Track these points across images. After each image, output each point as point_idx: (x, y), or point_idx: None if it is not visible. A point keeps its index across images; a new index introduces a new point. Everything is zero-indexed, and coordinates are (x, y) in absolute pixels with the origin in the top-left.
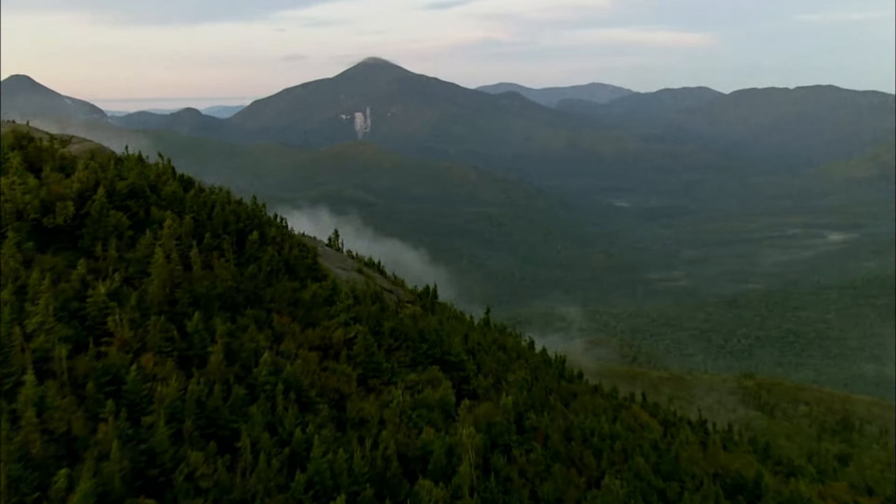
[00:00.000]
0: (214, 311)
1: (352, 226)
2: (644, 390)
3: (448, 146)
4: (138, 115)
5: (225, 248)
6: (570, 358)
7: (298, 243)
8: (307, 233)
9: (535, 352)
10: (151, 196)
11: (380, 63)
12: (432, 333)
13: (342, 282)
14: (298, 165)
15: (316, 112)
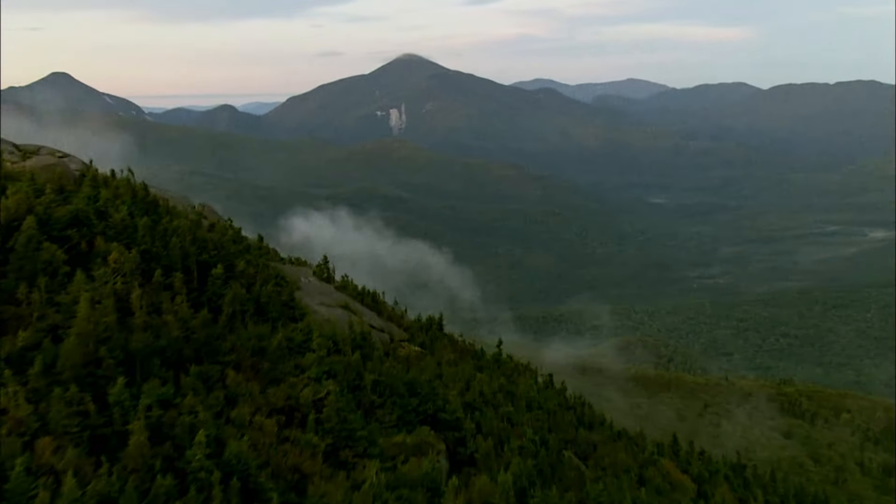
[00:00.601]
0: (154, 370)
1: (372, 226)
2: (679, 397)
3: (483, 143)
4: (175, 111)
5: (177, 288)
6: (603, 361)
7: (276, 275)
8: (326, 236)
9: (553, 389)
10: (98, 224)
11: (415, 59)
12: (424, 385)
13: (323, 322)
14: (333, 162)
15: (351, 108)
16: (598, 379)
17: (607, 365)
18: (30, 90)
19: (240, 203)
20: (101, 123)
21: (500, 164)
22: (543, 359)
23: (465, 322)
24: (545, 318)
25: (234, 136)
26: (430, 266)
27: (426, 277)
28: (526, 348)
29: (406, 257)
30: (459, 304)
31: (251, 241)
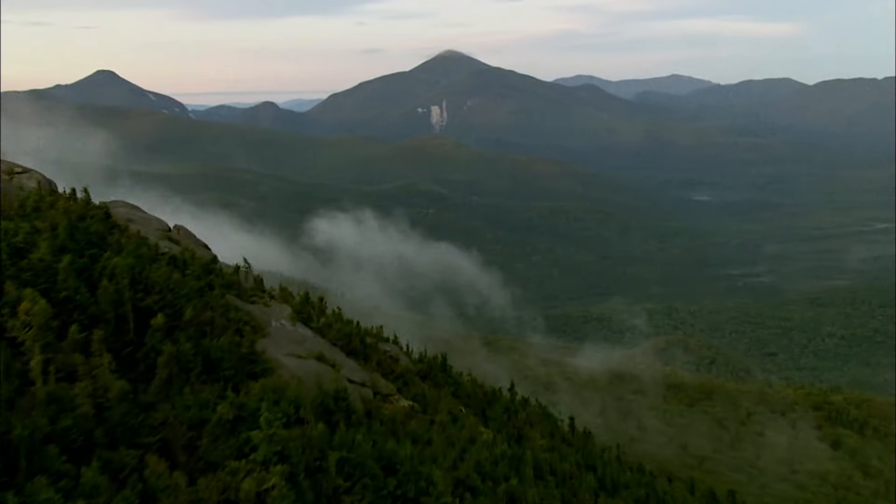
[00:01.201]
0: (49, 461)
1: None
2: (720, 405)
3: (524, 139)
4: (218, 108)
5: (96, 347)
6: (642, 368)
7: (239, 320)
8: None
9: (576, 438)
10: (9, 267)
11: (457, 56)
12: (405, 461)
13: (289, 378)
14: (374, 159)
15: (393, 105)
16: (636, 386)
17: (645, 372)
18: (76, 88)
19: (279, 201)
20: (145, 121)
21: (541, 160)
22: (577, 366)
23: (499, 323)
24: (585, 317)
25: (275, 133)
26: (466, 266)
27: (462, 278)
28: (560, 353)
29: (440, 257)
30: (495, 304)
31: (226, 271)
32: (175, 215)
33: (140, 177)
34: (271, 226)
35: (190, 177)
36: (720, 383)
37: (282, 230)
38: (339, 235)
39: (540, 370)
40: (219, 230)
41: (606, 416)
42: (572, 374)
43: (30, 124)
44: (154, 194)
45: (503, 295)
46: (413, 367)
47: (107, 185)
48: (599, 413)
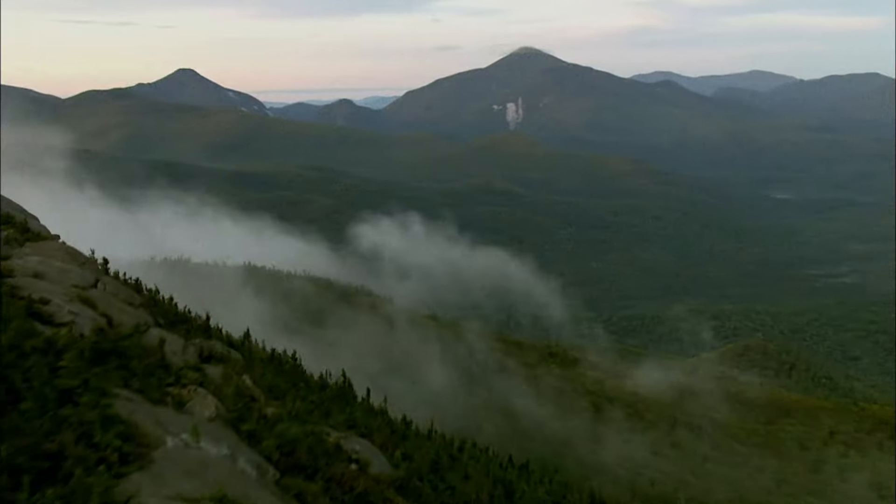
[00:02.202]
0: None
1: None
2: (800, 423)
3: (601, 136)
4: (296, 106)
5: None
6: (717, 377)
7: (109, 445)
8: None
9: None
10: None
11: (533, 53)
12: None
13: None
14: (449, 156)
15: (468, 102)
16: (709, 401)
17: (719, 386)
18: (158, 86)
19: (351, 200)
20: (223, 118)
21: (617, 158)
22: (642, 379)
23: (569, 325)
24: (661, 318)
25: (350, 131)
26: (537, 266)
27: (533, 277)
28: (626, 362)
29: (511, 257)
30: (566, 304)
31: (147, 345)
32: (235, 215)
33: (214, 174)
34: (335, 226)
35: (263, 175)
36: (800, 399)
37: (348, 230)
38: (408, 235)
39: (596, 387)
40: (278, 231)
41: (676, 435)
42: (634, 392)
43: (111, 123)
44: (224, 193)
45: (575, 294)
46: (390, 473)
47: (182, 183)
48: (668, 432)
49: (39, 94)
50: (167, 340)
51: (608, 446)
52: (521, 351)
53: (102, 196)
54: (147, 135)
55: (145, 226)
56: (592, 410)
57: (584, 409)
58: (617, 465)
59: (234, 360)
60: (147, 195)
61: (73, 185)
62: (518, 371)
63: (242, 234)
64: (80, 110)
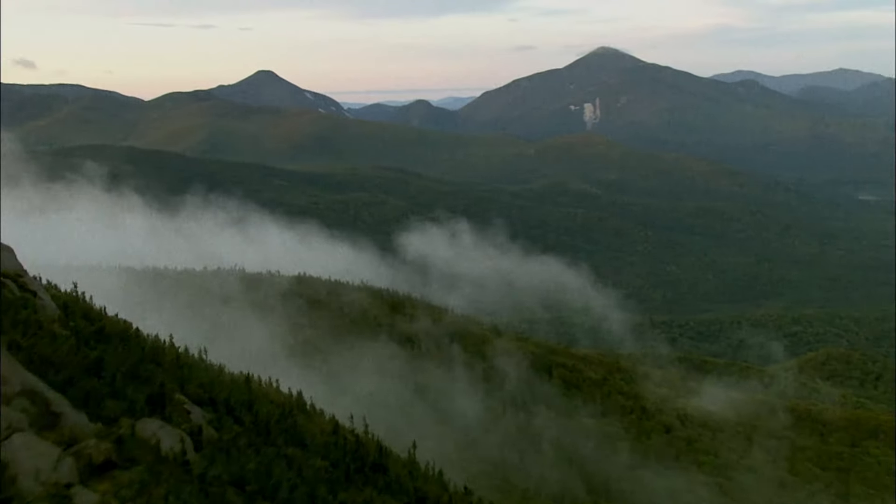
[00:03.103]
0: None
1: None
2: (888, 445)
3: (680, 137)
4: (373, 107)
5: None
6: (793, 386)
7: None
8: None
9: None
10: None
11: (610, 52)
12: None
13: None
14: (525, 157)
15: (545, 103)
16: (787, 419)
17: (795, 401)
18: (238, 88)
19: (425, 201)
20: (301, 119)
21: (695, 159)
22: (711, 397)
23: (640, 330)
24: (740, 322)
25: (426, 132)
26: (611, 268)
27: (605, 279)
28: (696, 371)
29: (583, 259)
30: (639, 308)
31: None
32: (306, 217)
33: (291, 176)
34: (407, 228)
35: (338, 176)
36: (889, 418)
37: (420, 232)
38: (481, 237)
39: (666, 405)
40: (349, 234)
41: (750, 458)
42: (705, 410)
43: (191, 124)
44: (298, 194)
45: (651, 298)
46: None
47: (260, 184)
48: (742, 455)
49: (123, 97)
50: (20, 456)
51: (677, 470)
52: (587, 366)
53: (174, 199)
54: (226, 136)
55: (211, 230)
56: (662, 431)
57: (653, 430)
58: (686, 491)
59: (143, 468)
60: (221, 197)
61: (140, 188)
62: (583, 388)
63: (313, 238)
64: (161, 112)
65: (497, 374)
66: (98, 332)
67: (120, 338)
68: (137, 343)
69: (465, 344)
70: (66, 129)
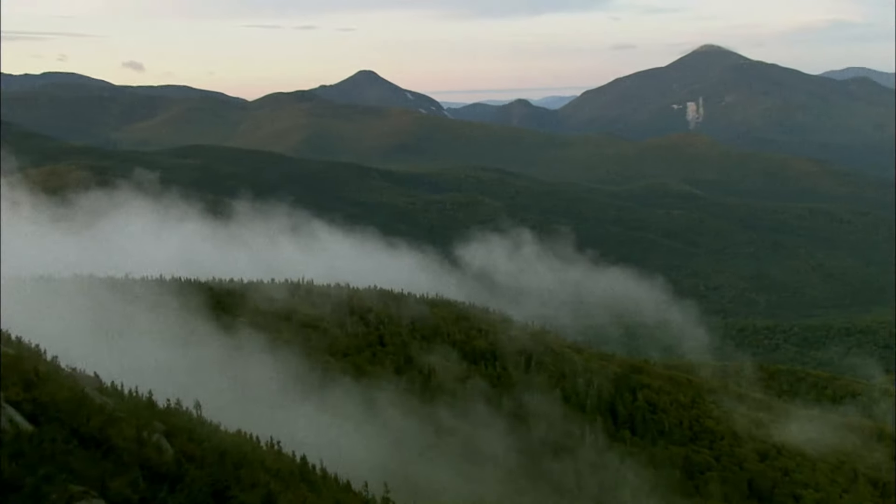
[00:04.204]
0: None
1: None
2: None
3: (786, 137)
4: (473, 107)
5: None
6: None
7: None
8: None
9: None
10: None
11: (715, 50)
12: None
13: None
14: (625, 157)
15: (646, 102)
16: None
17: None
18: (339, 88)
19: (523, 201)
20: (401, 119)
21: (801, 159)
22: (812, 422)
23: (740, 336)
24: (848, 329)
25: (525, 132)
26: (709, 271)
27: (705, 282)
28: (797, 384)
29: (680, 263)
30: (739, 312)
31: None
32: (402, 217)
33: (389, 176)
34: (503, 227)
35: (435, 176)
36: None
37: (516, 232)
38: (576, 238)
39: (761, 432)
40: (440, 236)
41: (857, 492)
42: (806, 435)
43: (293, 124)
44: (396, 194)
45: (754, 302)
46: None
47: (358, 184)
48: (846, 488)
49: (228, 97)
50: None
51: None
52: (675, 387)
53: (271, 198)
54: (326, 136)
55: (289, 235)
56: (756, 460)
57: (746, 459)
58: None
59: None
60: (317, 198)
61: (238, 189)
62: (670, 412)
63: (406, 240)
64: (264, 112)
65: (576, 397)
66: None
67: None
68: None
69: (544, 363)
70: (173, 129)
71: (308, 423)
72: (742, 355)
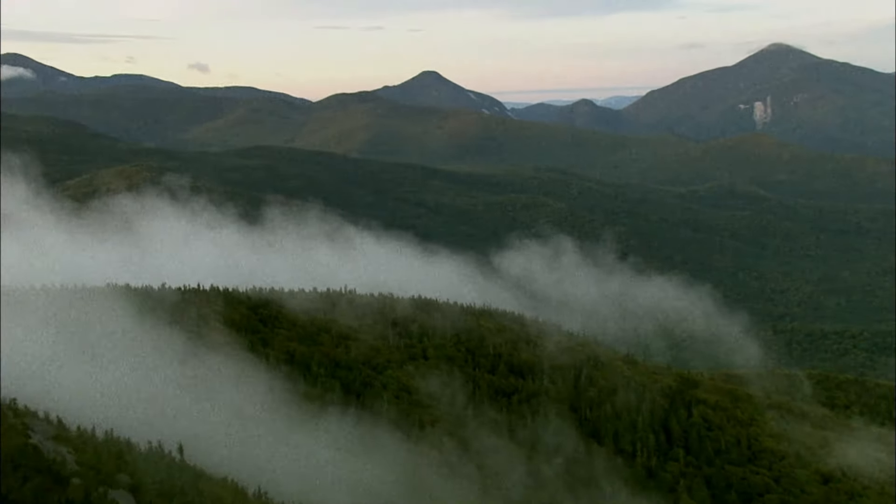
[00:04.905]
0: None
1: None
2: None
3: (858, 137)
4: (537, 107)
5: None
6: None
7: None
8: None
9: None
10: None
11: (784, 49)
12: None
13: None
14: (690, 158)
15: (712, 102)
16: None
17: None
18: (402, 89)
19: (586, 203)
20: (463, 120)
21: (874, 159)
22: (870, 438)
23: (807, 342)
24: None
25: (589, 132)
26: (776, 275)
27: (771, 285)
28: (865, 396)
29: (748, 266)
30: (805, 317)
31: None
32: (464, 218)
33: (451, 177)
34: (566, 230)
35: (497, 177)
36: None
37: (581, 233)
38: (638, 240)
39: (824, 452)
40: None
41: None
42: (872, 458)
43: (356, 125)
44: (458, 195)
45: (824, 305)
46: None
47: (420, 185)
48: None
49: (292, 98)
50: None
51: None
52: (733, 403)
53: (333, 199)
54: (389, 137)
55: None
56: (818, 482)
57: (809, 481)
58: None
59: None
60: (380, 199)
61: (299, 190)
62: (727, 430)
63: (467, 242)
64: (328, 113)
65: (629, 412)
66: None
67: None
68: None
69: (594, 377)
70: (237, 130)
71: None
72: (809, 361)
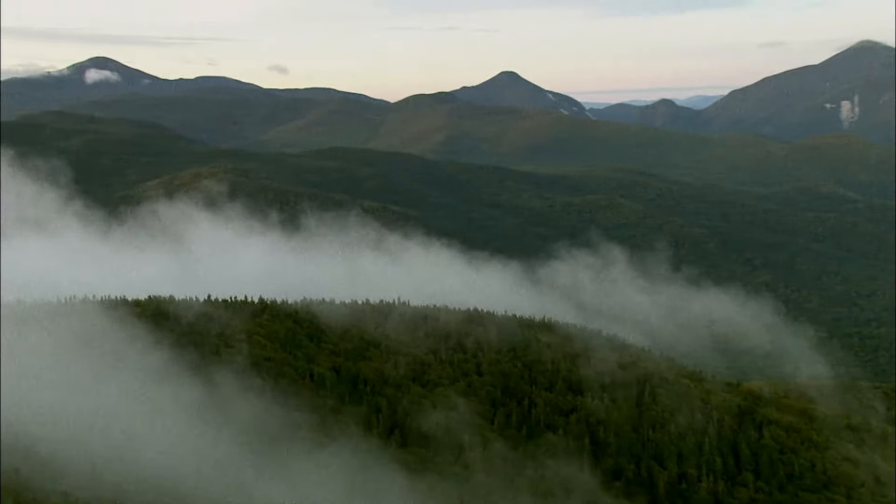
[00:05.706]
0: None
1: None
2: None
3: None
4: (616, 107)
5: None
6: None
7: None
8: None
9: None
10: None
11: (874, 46)
12: None
13: None
14: (774, 159)
15: (797, 101)
16: None
17: None
18: (480, 89)
19: (664, 204)
20: (541, 120)
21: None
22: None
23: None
24: None
25: (669, 133)
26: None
27: (855, 288)
28: None
29: (833, 269)
30: (892, 318)
31: None
32: (539, 219)
33: (527, 178)
34: (642, 231)
35: (574, 178)
36: None
37: (654, 235)
38: (717, 242)
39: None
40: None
41: None
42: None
43: (433, 125)
44: (534, 196)
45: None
46: None
47: (496, 186)
48: None
49: (370, 99)
50: None
51: None
52: (807, 423)
53: (404, 201)
54: (466, 138)
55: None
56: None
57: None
58: None
59: None
60: (453, 201)
61: (375, 191)
62: (801, 453)
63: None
64: (405, 114)
65: (694, 433)
66: None
67: None
68: None
69: (658, 395)
70: (316, 131)
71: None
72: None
